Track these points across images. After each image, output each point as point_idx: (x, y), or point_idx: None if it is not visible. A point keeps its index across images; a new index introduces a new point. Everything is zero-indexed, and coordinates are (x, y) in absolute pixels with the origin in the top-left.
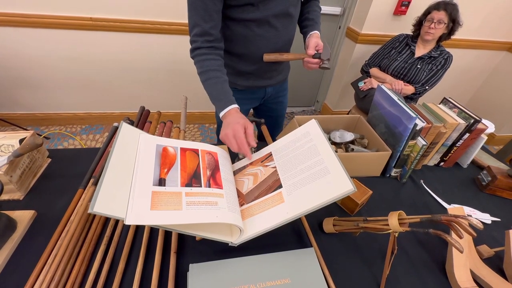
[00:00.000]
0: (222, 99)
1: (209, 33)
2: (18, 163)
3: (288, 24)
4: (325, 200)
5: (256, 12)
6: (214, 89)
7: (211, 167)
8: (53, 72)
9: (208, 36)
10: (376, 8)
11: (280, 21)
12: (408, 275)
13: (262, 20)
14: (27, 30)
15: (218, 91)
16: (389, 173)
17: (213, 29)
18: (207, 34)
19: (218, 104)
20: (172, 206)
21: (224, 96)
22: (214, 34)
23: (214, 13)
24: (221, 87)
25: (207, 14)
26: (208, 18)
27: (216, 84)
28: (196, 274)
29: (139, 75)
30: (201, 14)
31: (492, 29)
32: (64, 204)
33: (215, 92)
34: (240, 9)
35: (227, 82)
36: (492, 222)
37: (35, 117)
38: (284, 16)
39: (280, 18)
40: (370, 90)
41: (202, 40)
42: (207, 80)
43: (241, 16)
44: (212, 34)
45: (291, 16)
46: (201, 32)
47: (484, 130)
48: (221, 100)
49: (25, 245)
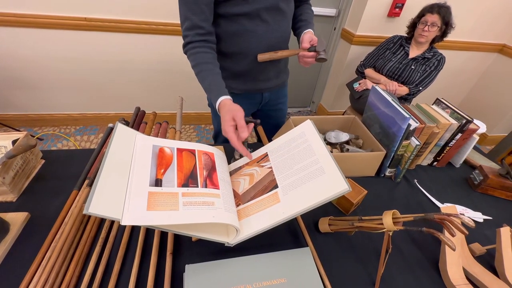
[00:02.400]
0: (213, 90)
1: (200, 26)
2: (11, 164)
3: (280, 20)
4: (320, 200)
5: (246, 6)
6: (206, 81)
7: (207, 168)
8: (47, 72)
9: (198, 29)
10: (370, 10)
11: (271, 16)
12: (403, 273)
13: (252, 14)
14: (20, 30)
15: (209, 83)
16: (383, 173)
17: (203, 22)
18: (198, 27)
19: (211, 96)
20: (169, 206)
21: (215, 87)
22: (205, 27)
23: (204, 6)
24: (212, 78)
25: (197, 6)
26: (198, 11)
27: (208, 76)
28: (192, 275)
29: (134, 75)
30: (191, 8)
31: (483, 31)
32: (58, 206)
33: (206, 84)
34: (230, 4)
35: (219, 75)
36: (484, 220)
37: (28, 118)
38: (275, 10)
39: (271, 12)
40: (365, 91)
41: (193, 34)
42: (199, 73)
43: (231, 11)
44: (203, 27)
45: (283, 11)
46: (192, 26)
47: (476, 130)
48: (212, 91)
49: (18, 248)
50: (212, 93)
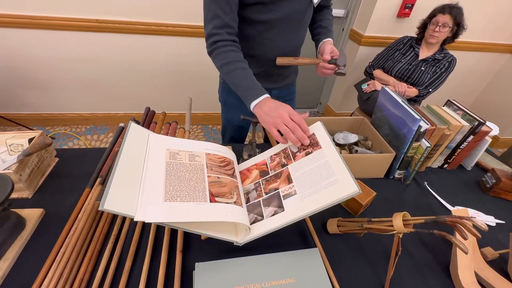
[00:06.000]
0: (254, 88)
1: (230, 26)
2: (27, 162)
3: (298, 30)
4: (330, 202)
5: (266, 14)
6: (244, 78)
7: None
8: (59, 73)
9: (229, 29)
10: (379, 10)
11: (290, 26)
12: (412, 276)
13: (272, 22)
14: (34, 31)
15: (248, 80)
16: (392, 175)
17: (233, 21)
18: (228, 27)
19: (250, 93)
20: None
21: (256, 86)
22: (234, 27)
23: (234, 6)
24: (251, 77)
25: (228, 5)
26: (228, 10)
27: (247, 74)
28: (202, 273)
29: (143, 76)
30: (222, 6)
31: (495, 32)
32: (72, 203)
33: (245, 81)
34: (251, 8)
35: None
36: (497, 224)
37: (40, 117)
38: (295, 20)
39: (291, 23)
40: (373, 92)
41: (224, 33)
42: (234, 71)
43: (251, 16)
44: (232, 26)
45: (302, 21)
46: (222, 24)
47: (488, 132)
48: (253, 89)
49: (34, 243)
50: (254, 91)
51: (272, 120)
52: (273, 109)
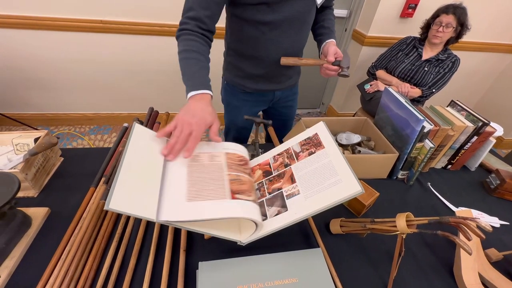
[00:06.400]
0: (198, 78)
1: (203, 21)
2: (33, 161)
3: (301, 30)
4: (333, 202)
5: (269, 14)
6: (192, 68)
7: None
8: (63, 73)
9: (201, 23)
10: (382, 10)
11: (292, 27)
12: (415, 277)
13: (275, 23)
14: (39, 32)
15: (195, 71)
16: (396, 176)
17: (208, 18)
18: (201, 21)
19: (192, 82)
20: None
21: (202, 78)
22: (208, 24)
23: (213, 4)
24: (200, 69)
25: (205, 1)
26: (205, 5)
27: (197, 64)
28: (205, 272)
29: (147, 76)
30: (199, 0)
31: (499, 32)
32: (77, 202)
33: (191, 70)
34: (254, 9)
35: (208, 71)
36: (501, 225)
37: (45, 117)
38: (298, 21)
39: (294, 24)
40: (376, 93)
41: (194, 24)
42: (187, 59)
43: (254, 17)
44: (205, 23)
45: (306, 22)
46: (195, 16)
47: (492, 133)
48: (196, 79)
49: (39, 241)
50: (196, 81)
51: (185, 118)
52: (199, 111)
